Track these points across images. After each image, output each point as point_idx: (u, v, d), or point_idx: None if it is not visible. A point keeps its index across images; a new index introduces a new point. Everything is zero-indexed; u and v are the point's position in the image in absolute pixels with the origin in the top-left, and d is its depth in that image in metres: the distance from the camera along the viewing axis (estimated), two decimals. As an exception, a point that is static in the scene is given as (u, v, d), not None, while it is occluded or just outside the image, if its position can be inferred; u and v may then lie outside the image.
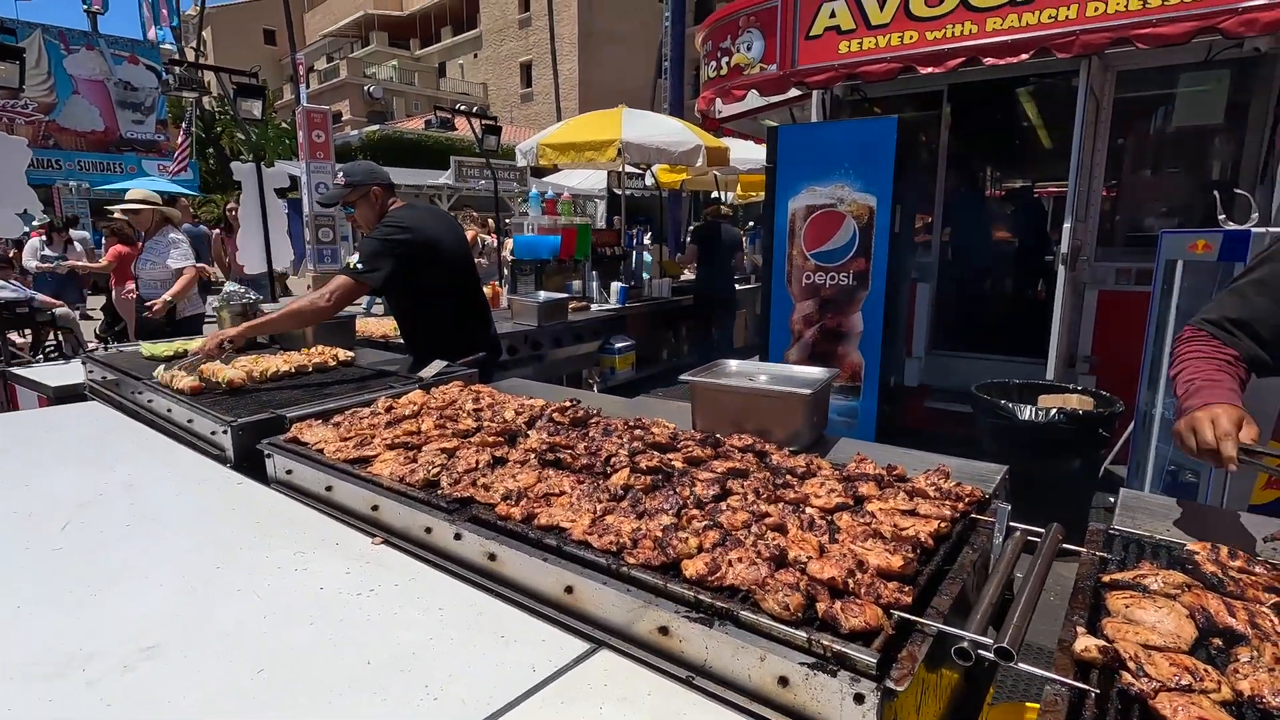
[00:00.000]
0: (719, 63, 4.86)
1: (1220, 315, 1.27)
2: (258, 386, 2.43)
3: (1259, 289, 1.25)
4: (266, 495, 1.77)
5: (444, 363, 2.63)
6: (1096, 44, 3.49)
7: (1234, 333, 1.24)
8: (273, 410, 2.10)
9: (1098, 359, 4.45)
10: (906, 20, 3.98)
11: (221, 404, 2.21)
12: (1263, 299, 1.23)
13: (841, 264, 4.35)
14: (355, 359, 2.84)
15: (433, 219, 2.82)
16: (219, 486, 1.81)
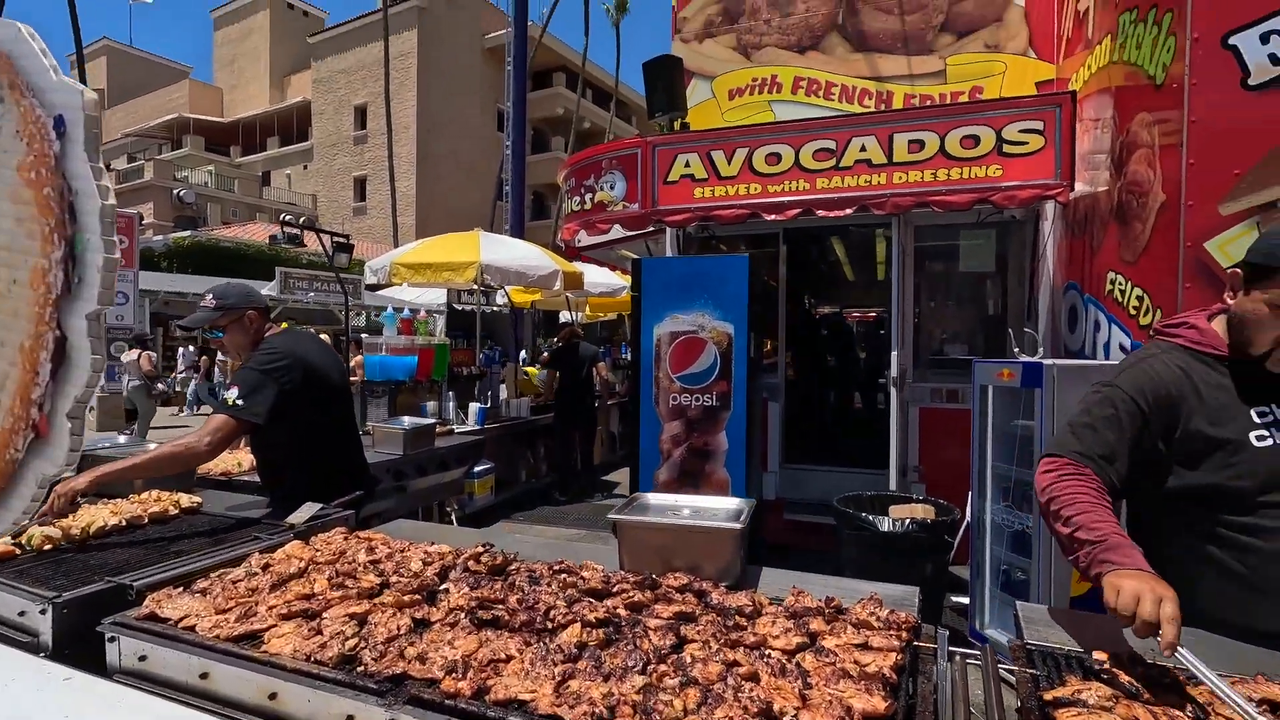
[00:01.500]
0: (583, 198, 5.17)
1: (1088, 449, 1.49)
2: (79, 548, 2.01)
3: (1109, 425, 1.50)
4: (111, 693, 1.43)
5: (317, 505, 2.36)
6: (904, 205, 4.21)
7: (1103, 468, 1.46)
8: (109, 578, 1.74)
9: (924, 468, 5.01)
10: (751, 174, 4.55)
11: (30, 574, 1.79)
12: (1111, 434, 1.49)
13: (705, 386, 4.61)
14: (201, 505, 2.46)
15: (313, 345, 2.62)
16: (37, 689, 1.44)
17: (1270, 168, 2.68)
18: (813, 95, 5.42)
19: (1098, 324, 3.69)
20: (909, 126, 4.21)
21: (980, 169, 4.08)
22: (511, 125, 17.59)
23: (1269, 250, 1.35)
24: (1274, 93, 2.68)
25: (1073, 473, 1.43)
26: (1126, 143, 3.38)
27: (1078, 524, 1.36)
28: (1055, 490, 1.46)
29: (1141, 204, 3.16)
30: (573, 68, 34.21)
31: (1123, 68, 3.46)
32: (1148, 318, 3.10)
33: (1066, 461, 1.47)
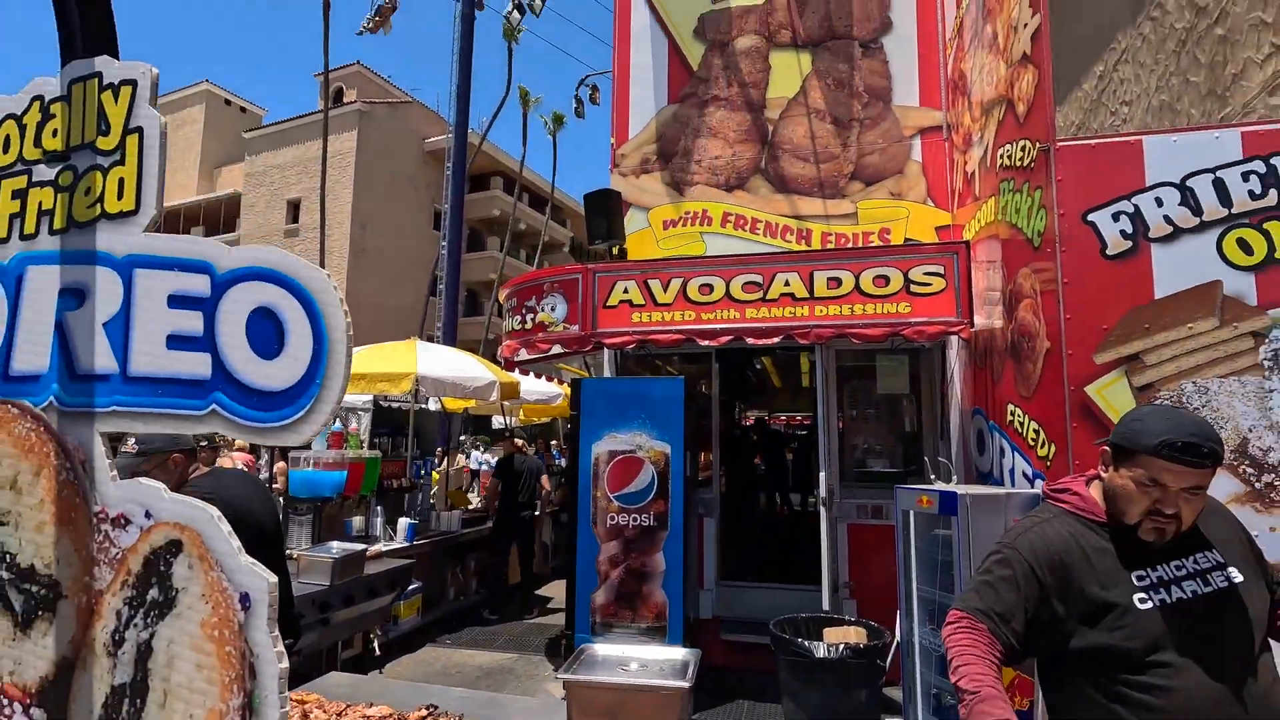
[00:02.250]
0: (524, 318, 5.33)
1: (987, 607, 1.64)
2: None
3: (1008, 586, 1.66)
4: None
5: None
6: (825, 336, 4.55)
7: (998, 625, 1.62)
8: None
9: (855, 584, 5.15)
10: (685, 302, 4.84)
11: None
12: (1010, 595, 1.64)
13: (643, 505, 4.67)
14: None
15: (241, 487, 2.56)
16: None
17: (1130, 325, 3.11)
18: (740, 229, 5.89)
19: (1003, 450, 4.02)
20: (827, 265, 4.63)
21: (892, 305, 4.50)
22: (448, 226, 17.99)
23: (1129, 435, 1.58)
24: (1127, 262, 3.15)
25: (968, 628, 1.58)
26: (1014, 291, 3.83)
27: (963, 674, 1.52)
28: (951, 642, 1.61)
29: (1031, 347, 3.56)
30: (510, 173, 35.53)
31: (1006, 226, 3.98)
32: (1045, 450, 3.42)
33: (965, 616, 1.62)
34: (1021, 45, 3.64)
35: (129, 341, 0.62)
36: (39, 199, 1.04)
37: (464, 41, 18.09)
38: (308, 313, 0.62)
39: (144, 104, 1.03)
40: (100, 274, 0.73)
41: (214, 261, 0.73)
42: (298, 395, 0.58)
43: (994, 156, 4.20)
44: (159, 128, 1.00)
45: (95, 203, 1.03)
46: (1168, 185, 3.14)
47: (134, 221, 1.04)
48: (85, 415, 0.62)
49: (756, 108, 5.98)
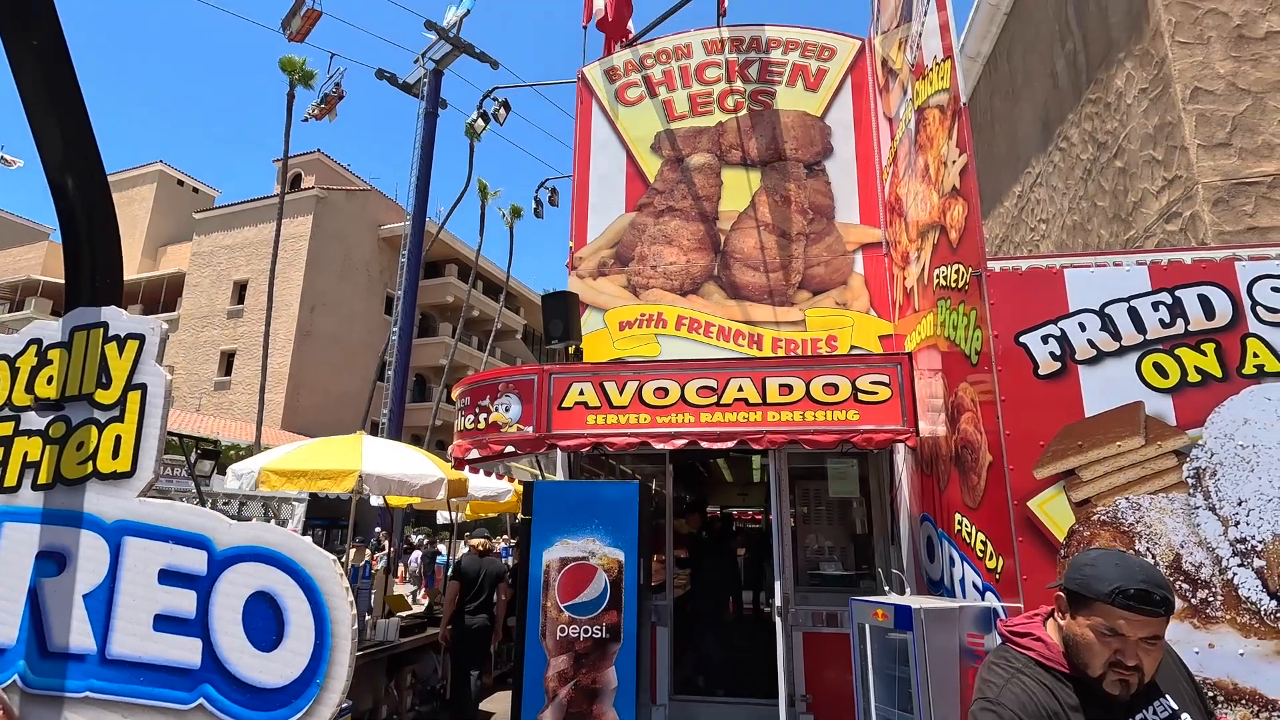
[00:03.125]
0: (476, 417, 5.26)
1: None
2: None
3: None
4: None
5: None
6: (777, 442, 4.63)
7: None
8: None
9: (811, 696, 5.00)
10: (641, 405, 4.87)
11: None
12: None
13: (595, 616, 4.50)
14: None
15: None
16: None
17: (1065, 441, 3.27)
18: (694, 332, 6.05)
19: (952, 559, 4.08)
20: (778, 373, 4.76)
21: (841, 412, 4.62)
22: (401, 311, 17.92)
23: (1083, 581, 1.60)
24: (1058, 382, 3.35)
25: None
26: (955, 403, 4.00)
27: None
28: None
29: (974, 459, 3.68)
30: (465, 261, 35.89)
31: (945, 341, 4.20)
32: (993, 562, 3.48)
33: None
34: (951, 179, 3.97)
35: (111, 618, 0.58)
36: (25, 449, 0.96)
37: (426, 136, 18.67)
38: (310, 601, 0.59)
39: (150, 360, 0.98)
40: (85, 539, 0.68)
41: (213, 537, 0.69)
42: (296, 694, 0.54)
43: (930, 276, 4.49)
44: (164, 386, 0.95)
45: (87, 459, 0.95)
46: (1089, 312, 3.40)
47: (128, 484, 0.96)
48: (54, 699, 0.56)
49: (709, 219, 6.30)
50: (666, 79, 6.79)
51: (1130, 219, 6.44)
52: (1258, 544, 3.00)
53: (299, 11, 16.50)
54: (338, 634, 0.50)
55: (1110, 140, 6.68)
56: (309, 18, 16.57)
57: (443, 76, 18.91)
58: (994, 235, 10.41)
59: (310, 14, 16.49)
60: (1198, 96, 5.54)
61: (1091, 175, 7.22)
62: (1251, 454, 3.08)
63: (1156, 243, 5.95)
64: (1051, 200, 8.26)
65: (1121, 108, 6.40)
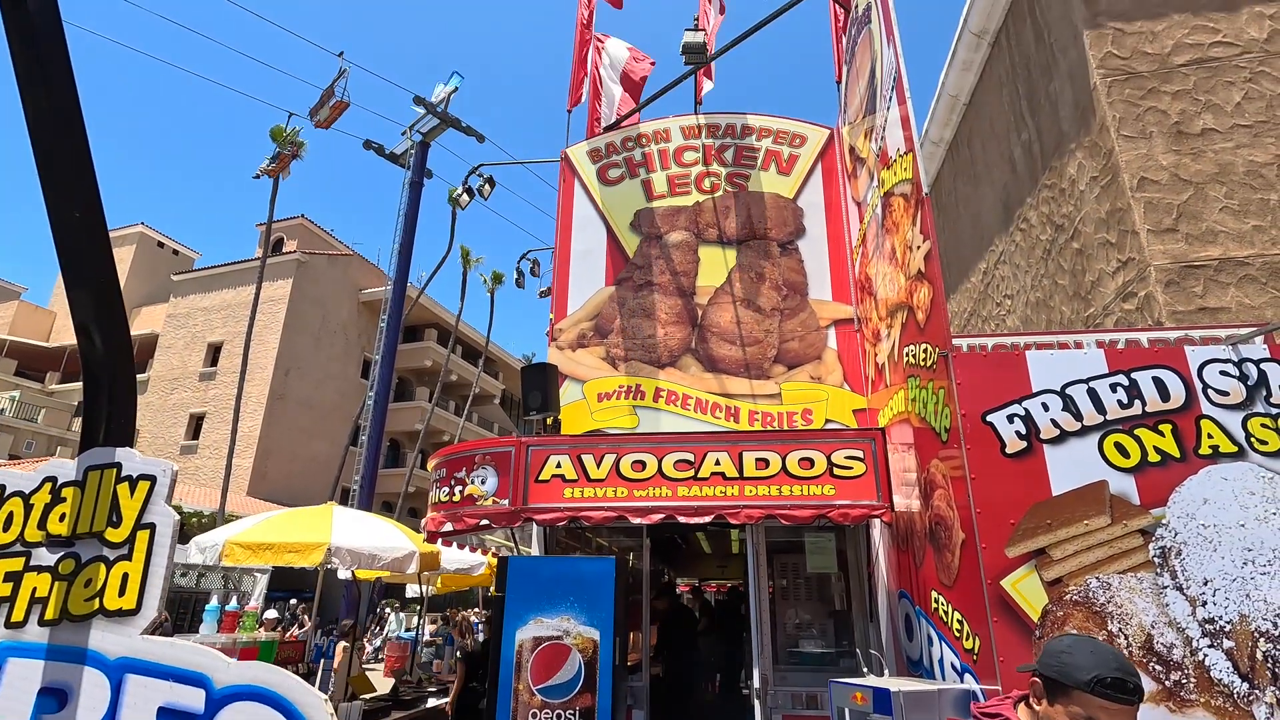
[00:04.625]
0: (451, 489, 5.20)
1: None
2: None
3: None
4: None
5: None
6: (755, 517, 4.62)
7: None
8: None
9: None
10: (618, 478, 4.86)
11: None
12: None
13: (568, 699, 4.35)
14: None
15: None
16: None
17: (1034, 519, 3.32)
18: (671, 404, 6.11)
19: (930, 638, 4.04)
20: (755, 447, 4.81)
21: (817, 487, 4.66)
22: (378, 375, 17.82)
23: (1059, 668, 1.64)
24: (1024, 460, 3.43)
25: None
26: (928, 479, 4.06)
27: None
28: None
29: (948, 537, 3.71)
30: (445, 326, 35.99)
31: (916, 418, 4.29)
32: (970, 642, 3.46)
33: None
34: (916, 263, 4.16)
35: None
36: (34, 584, 0.99)
37: (410, 205, 19.06)
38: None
39: (160, 500, 1.03)
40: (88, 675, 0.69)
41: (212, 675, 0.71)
42: None
43: (900, 353, 4.62)
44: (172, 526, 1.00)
45: (94, 597, 0.98)
46: (1051, 392, 3.53)
47: (133, 622, 0.99)
48: None
49: (687, 294, 6.46)
50: (646, 161, 7.08)
51: (1089, 297, 6.74)
52: (1225, 624, 3.03)
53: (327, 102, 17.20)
54: None
55: (1066, 223, 7.05)
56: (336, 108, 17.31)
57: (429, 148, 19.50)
58: (962, 310, 10.76)
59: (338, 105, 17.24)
60: (1144, 185, 5.91)
61: (1051, 255, 7.58)
62: (1213, 533, 3.15)
63: (1115, 320, 6.21)
64: (1015, 277, 8.61)
65: (1075, 193, 6.79)
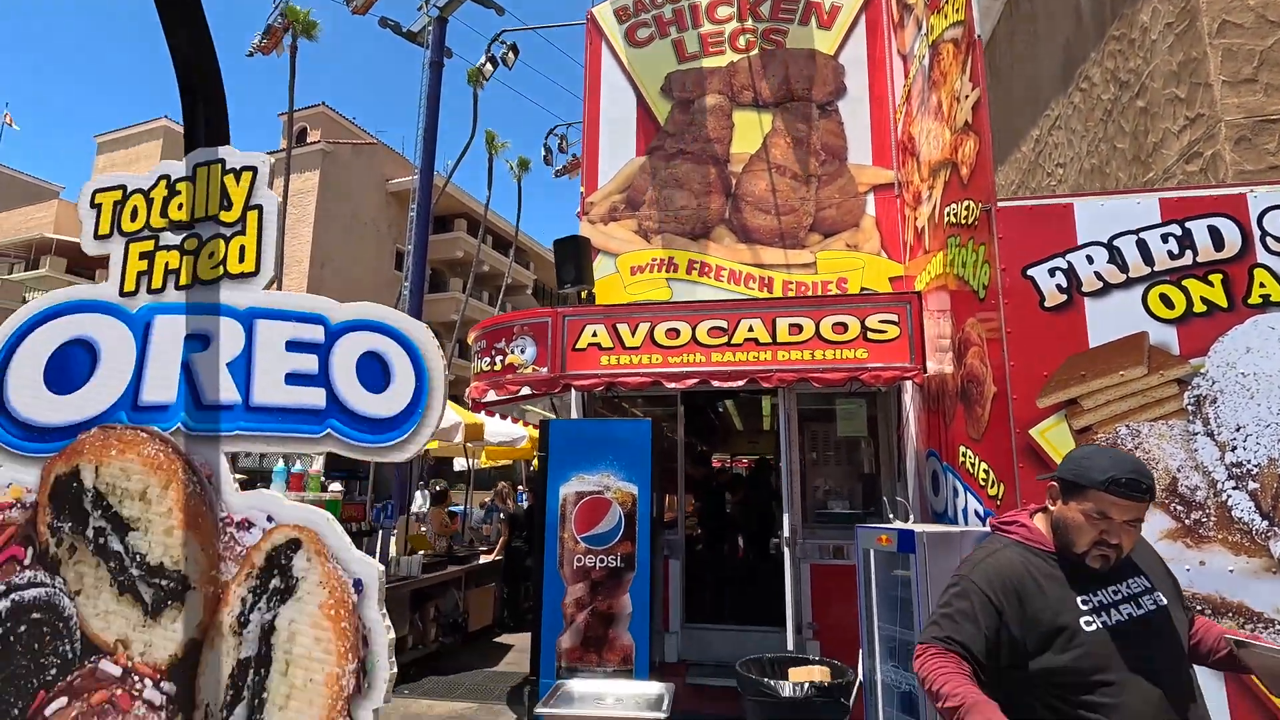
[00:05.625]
0: (493, 359, 5.39)
1: (949, 635, 1.76)
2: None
3: (965, 617, 1.78)
4: None
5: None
6: (787, 380, 4.72)
7: (962, 648, 1.73)
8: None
9: (818, 625, 5.22)
10: (653, 346, 4.97)
11: None
12: (969, 626, 1.76)
13: (609, 547, 4.69)
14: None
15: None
16: None
17: (1068, 372, 3.34)
18: (705, 276, 6.10)
19: (956, 490, 4.21)
20: (788, 313, 4.83)
21: (850, 351, 4.71)
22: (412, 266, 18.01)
23: (1078, 471, 1.74)
24: (1063, 314, 3.40)
25: (937, 653, 1.69)
26: (962, 339, 4.07)
27: (946, 694, 1.61)
28: (926, 670, 1.70)
29: (979, 392, 3.77)
30: (474, 215, 35.69)
31: (954, 278, 4.24)
32: (995, 489, 3.60)
33: (931, 647, 1.73)
34: (963, 114, 3.96)
35: (250, 378, 0.71)
36: (165, 260, 1.16)
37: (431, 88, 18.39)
38: (410, 356, 0.69)
39: (263, 186, 1.17)
40: (223, 323, 0.80)
41: (328, 314, 0.81)
42: (402, 421, 0.67)
43: (941, 214, 4.50)
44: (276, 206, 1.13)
45: (219, 264, 1.15)
46: (1097, 244, 3.43)
47: (254, 281, 1.18)
48: (210, 438, 0.70)
49: (721, 162, 6.27)
50: (677, 18, 6.67)
51: (1150, 160, 6.35)
52: (1253, 468, 3.09)
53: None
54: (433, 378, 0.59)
55: (1132, 79, 6.54)
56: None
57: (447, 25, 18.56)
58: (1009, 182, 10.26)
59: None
60: (1224, 30, 5.39)
61: (1112, 116, 7.09)
62: (1252, 381, 3.15)
63: (1175, 184, 5.89)
64: (1070, 144, 8.12)
65: (1146, 44, 6.25)
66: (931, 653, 1.71)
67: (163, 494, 0.65)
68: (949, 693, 1.58)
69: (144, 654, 0.57)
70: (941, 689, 1.60)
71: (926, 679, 1.68)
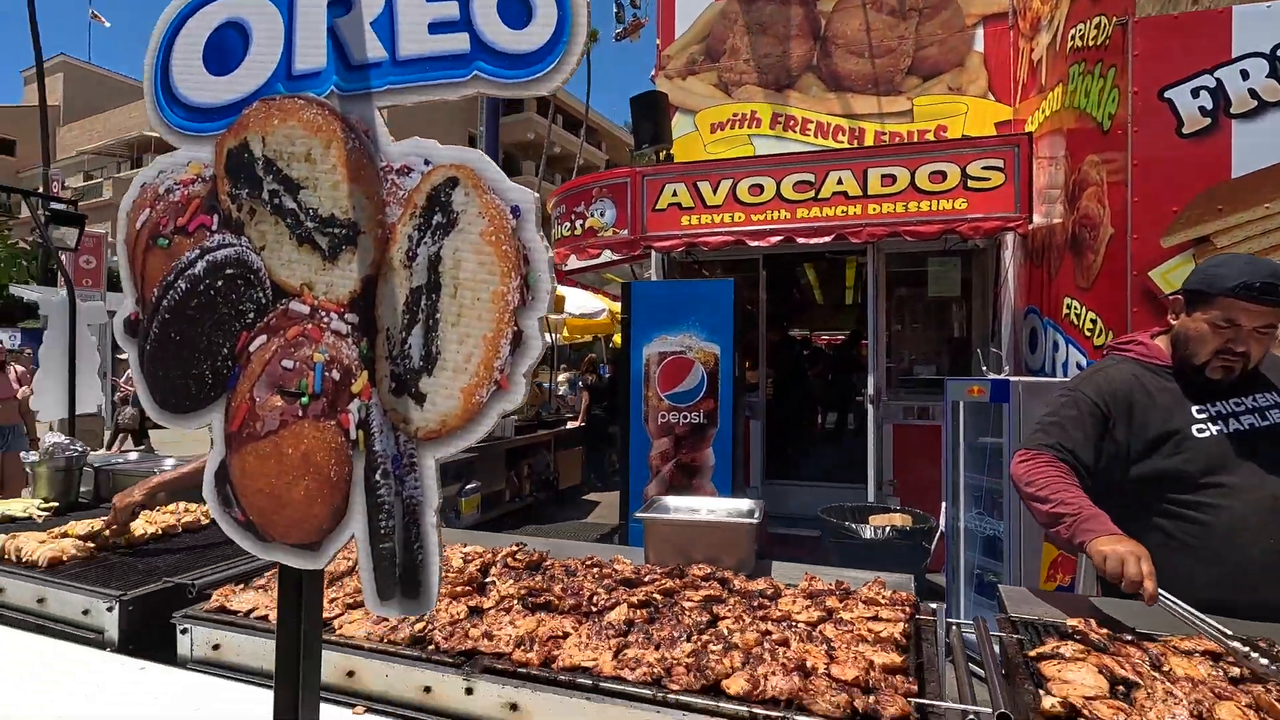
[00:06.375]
0: (573, 224, 5.39)
1: (1058, 442, 1.73)
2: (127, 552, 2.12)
3: (1074, 424, 1.75)
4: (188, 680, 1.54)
5: (345, 514, 2.49)
6: (878, 235, 4.51)
7: (1068, 456, 1.71)
8: (167, 578, 1.85)
9: (897, 482, 5.28)
10: (735, 204, 4.82)
11: (85, 577, 1.89)
12: (1078, 433, 1.73)
13: (693, 404, 4.81)
14: (228, 515, 2.57)
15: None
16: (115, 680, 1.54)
17: (1202, 206, 3.03)
18: (790, 130, 5.75)
19: (1056, 345, 4.02)
20: (882, 162, 4.54)
21: (947, 202, 4.41)
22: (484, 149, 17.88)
23: (1208, 279, 1.61)
24: (1204, 140, 3.04)
25: (1044, 461, 1.67)
26: (1078, 181, 3.73)
27: (1054, 502, 1.61)
28: (1031, 476, 1.70)
29: (1093, 236, 3.49)
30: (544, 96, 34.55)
31: (1073, 113, 3.83)
32: (1101, 338, 3.41)
33: (1037, 453, 1.71)
34: (1103, -90, 3.41)
35: (395, 34, 0.74)
36: None
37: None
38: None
39: None
40: None
41: None
42: (546, 54, 0.68)
43: (1064, 39, 4.00)
44: None
45: None
46: (1256, 56, 2.99)
47: None
48: (363, 96, 0.75)
49: (808, 1, 5.72)
50: None
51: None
52: None
53: None
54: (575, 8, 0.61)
55: None
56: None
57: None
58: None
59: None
60: None
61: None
62: None
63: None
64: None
65: None
66: (1041, 459, 1.70)
67: (325, 153, 0.70)
68: (1059, 499, 1.57)
69: (326, 293, 0.65)
70: (1049, 496, 1.60)
71: (1031, 483, 1.67)
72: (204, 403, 0.73)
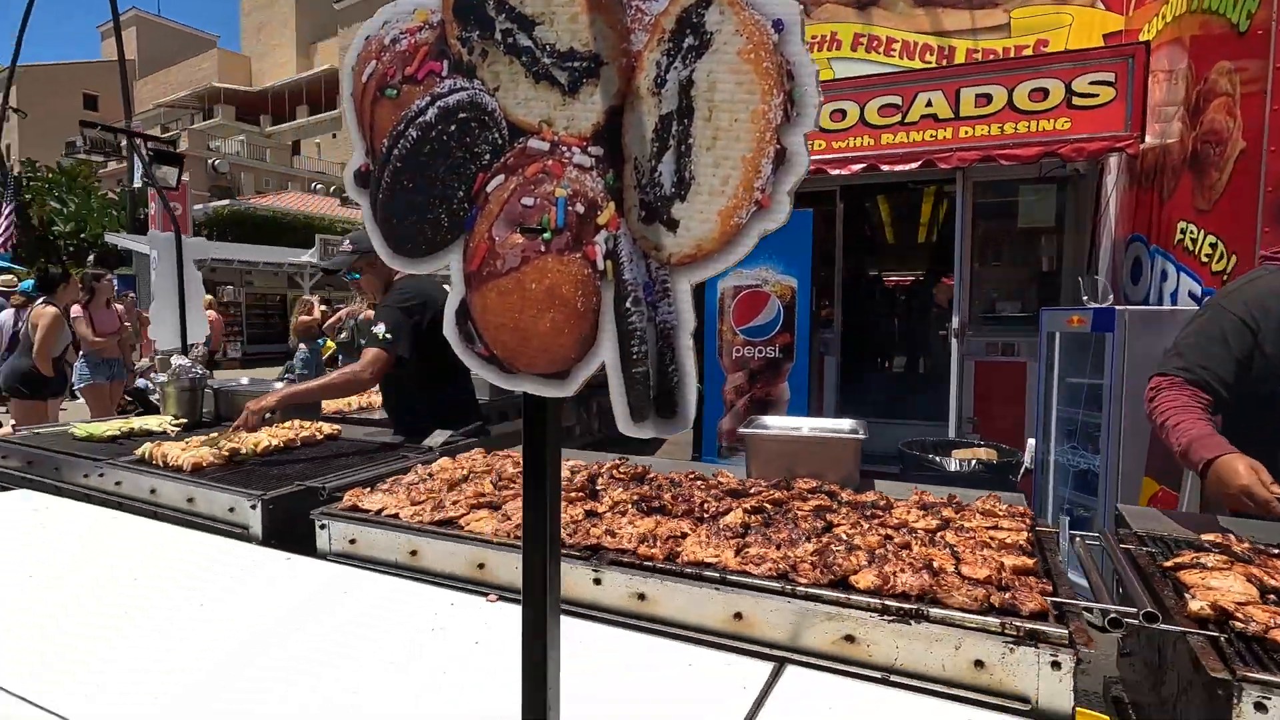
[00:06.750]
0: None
1: (1192, 364, 1.65)
2: (258, 461, 2.28)
3: (1213, 341, 1.65)
4: (332, 570, 1.67)
5: (448, 432, 2.60)
6: (969, 160, 4.28)
7: (1203, 376, 1.63)
8: (299, 482, 1.99)
9: (978, 419, 5.14)
10: (816, 130, 4.62)
11: (228, 480, 2.05)
12: (1219, 349, 1.64)
13: (768, 338, 4.77)
14: (340, 433, 2.72)
15: (438, 290, 2.83)
16: (267, 568, 1.68)
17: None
18: (873, 52, 5.43)
19: (1165, 274, 3.77)
20: (976, 81, 4.26)
21: (1048, 122, 4.13)
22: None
23: None
24: (1362, 37, 2.72)
25: (1172, 386, 1.61)
26: (1204, 91, 3.42)
27: (1177, 427, 1.56)
28: (1159, 403, 1.64)
29: (1219, 152, 3.22)
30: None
31: (1201, 17, 3.49)
32: (1221, 264, 3.18)
33: (1169, 378, 1.64)
34: None
35: None
36: None
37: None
38: None
39: None
40: None
41: None
42: None
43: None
44: None
45: None
46: None
47: None
48: None
49: (897, -94, 5.31)
50: None
51: None
52: None
53: None
54: None
55: None
56: None
57: None
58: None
59: None
60: None
61: None
62: None
63: None
64: None
65: None
66: (1166, 385, 1.64)
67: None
68: (1181, 427, 1.53)
69: (568, 127, 0.66)
70: (1176, 424, 1.56)
71: (1155, 411, 1.63)
72: (439, 245, 0.76)
